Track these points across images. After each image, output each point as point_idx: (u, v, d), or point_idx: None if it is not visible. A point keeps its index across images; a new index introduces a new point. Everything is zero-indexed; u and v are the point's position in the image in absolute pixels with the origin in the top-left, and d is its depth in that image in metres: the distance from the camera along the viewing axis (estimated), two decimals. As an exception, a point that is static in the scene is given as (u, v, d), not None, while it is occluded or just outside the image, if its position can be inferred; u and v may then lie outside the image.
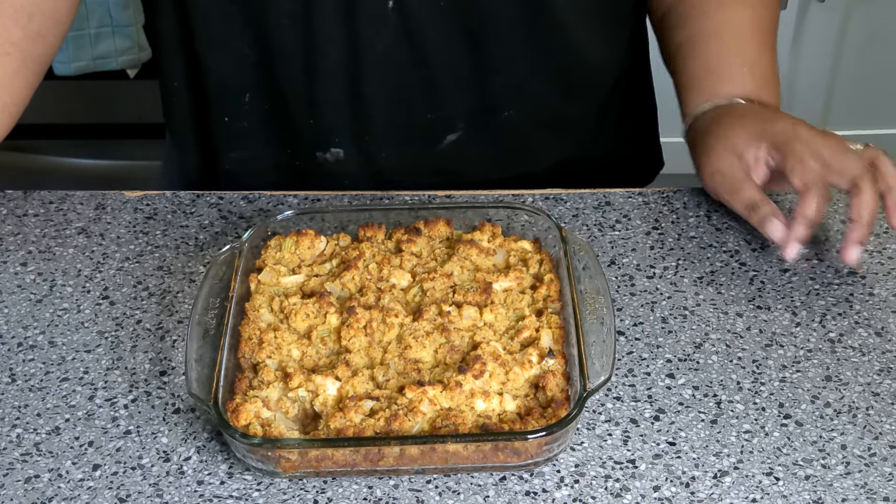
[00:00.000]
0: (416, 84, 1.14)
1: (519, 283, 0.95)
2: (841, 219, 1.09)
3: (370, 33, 1.10)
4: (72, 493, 0.83)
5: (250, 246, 0.98)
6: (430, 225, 1.00)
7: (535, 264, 0.97)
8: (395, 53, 1.11)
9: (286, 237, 1.00)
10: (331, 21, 1.09)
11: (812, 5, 2.51)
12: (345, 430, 0.81)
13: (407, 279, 0.96)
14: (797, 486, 0.82)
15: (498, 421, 0.83)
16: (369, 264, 0.97)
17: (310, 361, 0.89)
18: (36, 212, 1.13)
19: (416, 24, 1.10)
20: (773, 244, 1.04)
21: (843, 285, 1.01)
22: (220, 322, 0.90)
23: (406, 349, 0.88)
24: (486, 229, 1.00)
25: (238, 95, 1.17)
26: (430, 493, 0.82)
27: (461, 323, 0.91)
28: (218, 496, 0.82)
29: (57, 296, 1.02)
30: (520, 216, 1.02)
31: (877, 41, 2.59)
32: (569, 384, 0.86)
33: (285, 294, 0.95)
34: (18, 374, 0.93)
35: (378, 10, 1.09)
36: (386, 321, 0.90)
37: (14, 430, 0.88)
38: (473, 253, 0.97)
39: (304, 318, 0.91)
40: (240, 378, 0.87)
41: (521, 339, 0.89)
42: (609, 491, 0.82)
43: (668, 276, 1.03)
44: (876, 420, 0.88)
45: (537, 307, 0.93)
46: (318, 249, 1.00)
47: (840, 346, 0.95)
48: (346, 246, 1.00)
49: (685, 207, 1.12)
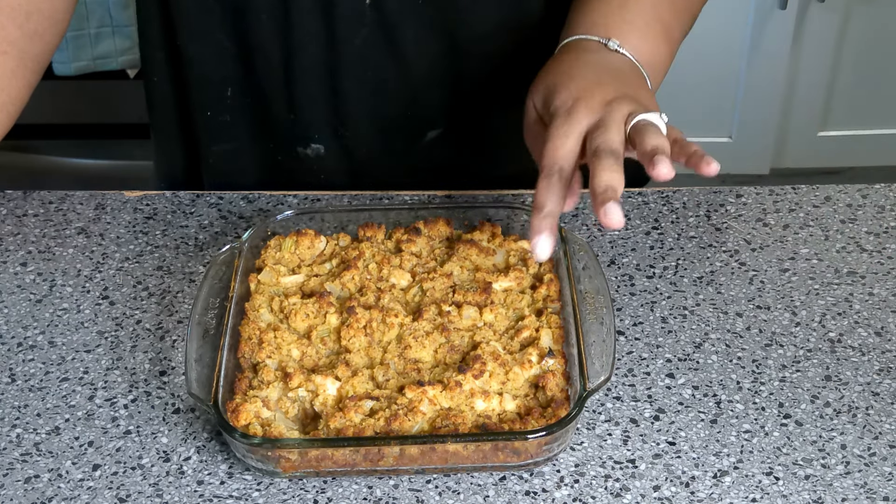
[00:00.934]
0: (394, 80, 1.14)
1: (519, 283, 0.95)
2: (840, 219, 1.09)
3: (348, 28, 1.10)
4: (72, 493, 0.83)
5: (250, 246, 0.98)
6: (430, 225, 1.00)
7: (534, 264, 0.97)
8: (372, 49, 1.12)
9: (286, 237, 1.00)
10: (309, 16, 1.09)
11: (812, 5, 2.51)
12: (345, 430, 0.81)
13: (407, 279, 0.96)
14: (797, 486, 0.82)
15: (498, 421, 0.83)
16: (369, 264, 0.97)
17: (310, 361, 0.89)
18: (36, 212, 1.13)
19: (393, 20, 1.10)
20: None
21: (843, 285, 1.01)
22: (219, 322, 0.90)
23: (406, 349, 0.88)
24: (485, 229, 1.00)
25: (220, 89, 1.17)
26: (430, 493, 0.82)
27: (461, 323, 0.91)
28: (218, 496, 0.82)
29: (57, 296, 1.02)
30: (519, 216, 1.02)
31: (877, 41, 2.59)
32: (569, 384, 0.86)
33: (285, 294, 0.95)
34: (18, 374, 0.93)
35: (356, 4, 1.09)
36: (386, 321, 0.90)
37: (14, 430, 0.88)
38: (473, 253, 0.97)
39: (303, 318, 0.91)
40: (240, 378, 0.87)
41: (521, 339, 0.89)
42: (609, 491, 0.82)
43: (667, 275, 1.03)
44: (876, 420, 0.88)
45: (537, 307, 0.93)
46: (317, 249, 1.00)
47: (840, 346, 0.95)
48: (346, 246, 1.00)
49: (685, 207, 1.12)
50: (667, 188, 1.15)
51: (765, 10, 2.48)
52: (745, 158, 2.72)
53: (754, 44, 2.53)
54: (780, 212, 1.10)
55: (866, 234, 1.07)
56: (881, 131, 2.73)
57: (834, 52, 2.59)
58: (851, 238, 1.06)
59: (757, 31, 2.52)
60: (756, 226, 1.08)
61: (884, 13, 2.55)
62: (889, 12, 2.55)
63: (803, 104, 2.67)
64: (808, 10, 2.52)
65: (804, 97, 2.66)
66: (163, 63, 1.18)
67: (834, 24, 2.55)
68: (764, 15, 2.49)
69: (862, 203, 1.11)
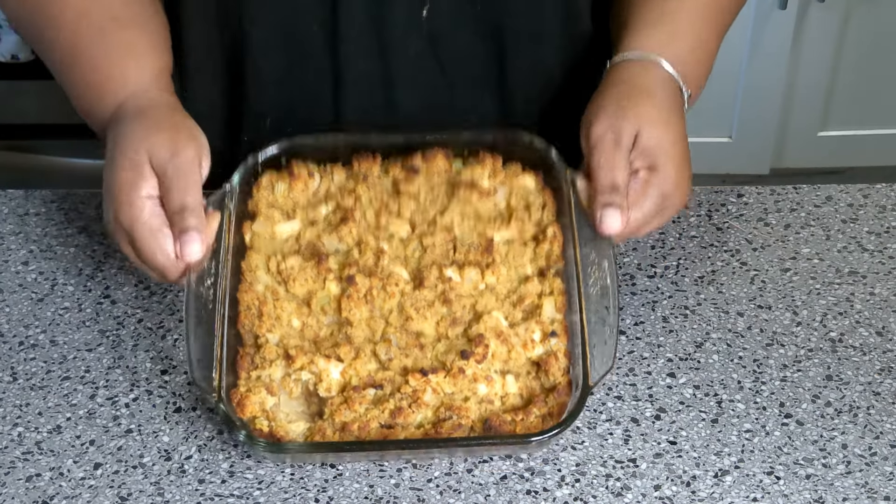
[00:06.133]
0: (442, 88, 1.12)
1: (521, 234, 0.93)
2: (842, 218, 1.09)
3: (401, 40, 1.07)
4: (73, 491, 0.83)
5: (241, 190, 0.94)
6: (429, 159, 0.96)
7: (537, 210, 0.94)
8: (424, 59, 1.09)
9: (278, 180, 0.95)
10: (360, 28, 1.06)
11: (812, 5, 2.50)
12: (350, 425, 0.81)
13: (406, 230, 0.93)
14: (798, 486, 0.82)
15: (500, 405, 0.84)
16: (367, 211, 0.93)
17: (311, 332, 0.88)
18: (37, 211, 1.12)
19: (445, 29, 1.07)
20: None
21: (844, 285, 1.01)
22: (216, 291, 0.87)
23: (407, 321, 0.87)
24: (486, 162, 0.96)
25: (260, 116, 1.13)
26: (432, 493, 0.82)
27: (462, 288, 0.89)
28: (219, 495, 0.82)
29: (58, 295, 1.02)
30: (521, 137, 0.97)
31: (877, 41, 2.58)
32: (571, 362, 0.85)
33: (282, 254, 0.92)
34: (20, 373, 0.93)
35: (411, 16, 1.06)
36: (386, 289, 0.88)
37: (15, 428, 0.88)
38: (474, 197, 0.94)
39: (302, 284, 0.90)
40: (241, 355, 0.86)
41: (524, 307, 0.88)
42: (610, 490, 0.82)
43: (668, 275, 1.03)
44: (877, 419, 0.88)
45: (539, 264, 0.91)
46: (311, 190, 0.96)
47: (841, 346, 0.95)
48: (342, 186, 0.96)
49: (686, 207, 1.11)
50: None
51: (765, 10, 2.48)
52: (745, 158, 2.72)
53: (754, 44, 2.53)
54: (781, 211, 1.10)
55: (867, 234, 1.07)
56: (881, 131, 2.73)
57: (834, 52, 2.58)
58: (853, 238, 1.06)
59: (757, 31, 2.52)
60: (757, 225, 1.08)
61: (884, 13, 2.54)
62: (889, 12, 2.55)
63: (803, 104, 2.66)
64: (808, 10, 2.51)
65: (804, 97, 2.65)
66: (210, 78, 1.13)
67: (834, 24, 2.54)
68: (764, 15, 2.49)
69: (863, 203, 1.11)
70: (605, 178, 0.89)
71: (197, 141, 0.89)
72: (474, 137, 0.98)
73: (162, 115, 0.91)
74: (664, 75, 0.96)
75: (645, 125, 0.91)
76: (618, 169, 0.89)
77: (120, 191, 0.86)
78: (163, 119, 0.91)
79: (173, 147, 0.87)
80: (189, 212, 0.85)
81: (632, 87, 0.94)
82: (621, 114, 0.91)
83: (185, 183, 0.86)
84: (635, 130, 0.91)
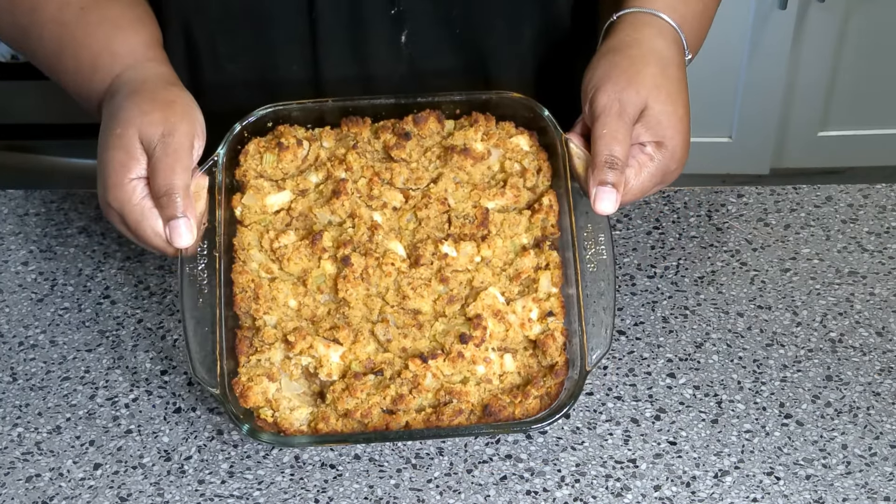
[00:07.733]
0: None
1: (516, 200, 0.91)
2: (842, 219, 1.09)
3: (383, 66, 1.07)
4: (73, 492, 0.83)
5: (228, 157, 0.92)
6: (421, 123, 0.94)
7: (532, 175, 0.92)
8: (408, 83, 1.08)
9: (266, 149, 0.93)
10: (341, 58, 1.06)
11: (812, 5, 2.50)
12: (353, 412, 0.82)
13: (399, 200, 0.91)
14: (798, 486, 0.82)
15: (499, 384, 0.84)
16: (358, 180, 0.91)
17: (307, 311, 0.87)
18: (37, 211, 1.12)
19: (426, 52, 1.07)
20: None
21: (844, 285, 1.01)
22: (211, 274, 0.86)
23: (404, 299, 0.87)
24: (479, 124, 0.94)
25: None
26: (431, 493, 0.82)
27: (458, 263, 0.88)
28: (219, 495, 0.82)
29: (58, 295, 1.02)
30: (518, 111, 0.95)
31: (877, 41, 2.59)
32: (568, 339, 0.85)
33: (275, 231, 0.90)
34: (19, 374, 0.93)
35: (392, 40, 1.06)
36: (382, 268, 0.88)
37: (15, 429, 0.88)
38: (467, 164, 0.92)
39: (297, 263, 0.88)
40: (239, 338, 0.86)
41: (521, 282, 0.88)
42: (610, 490, 0.82)
43: (668, 275, 1.03)
44: (877, 420, 0.88)
45: (535, 234, 0.90)
46: (300, 159, 0.94)
47: (841, 346, 0.95)
48: (332, 154, 0.93)
49: (686, 207, 1.11)
50: (668, 188, 1.15)
51: (765, 10, 2.48)
52: (745, 158, 2.72)
53: (754, 44, 2.53)
54: (781, 212, 1.10)
55: (867, 234, 1.07)
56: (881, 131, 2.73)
57: (834, 52, 2.59)
58: (853, 238, 1.06)
59: (757, 31, 2.52)
60: (757, 226, 1.08)
61: (884, 13, 2.55)
62: (889, 12, 2.55)
63: (803, 104, 2.66)
64: (808, 10, 2.51)
65: (804, 97, 2.65)
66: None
67: (834, 24, 2.54)
68: (764, 15, 2.49)
69: (863, 203, 1.11)
70: (605, 150, 0.87)
71: (190, 117, 0.88)
72: (466, 98, 0.96)
73: (157, 91, 0.90)
74: (672, 37, 0.95)
75: (653, 98, 0.90)
76: (618, 141, 0.88)
77: (111, 172, 0.85)
78: (157, 95, 0.89)
79: (165, 126, 0.86)
80: (175, 195, 0.84)
81: (640, 52, 0.93)
82: (627, 84, 0.90)
83: (171, 164, 0.85)
84: (642, 103, 0.90)
